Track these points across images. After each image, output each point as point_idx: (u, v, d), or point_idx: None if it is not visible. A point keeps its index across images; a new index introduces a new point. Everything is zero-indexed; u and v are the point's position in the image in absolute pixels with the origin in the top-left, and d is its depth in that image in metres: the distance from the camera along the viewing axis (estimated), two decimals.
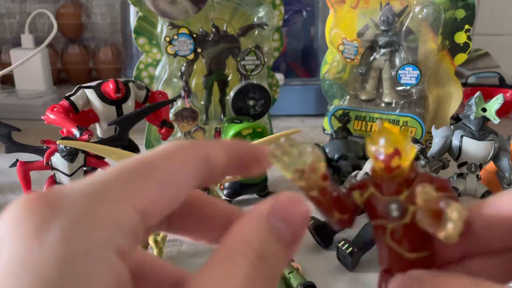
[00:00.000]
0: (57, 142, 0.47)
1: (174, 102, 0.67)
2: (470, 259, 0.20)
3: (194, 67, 0.68)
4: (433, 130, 0.58)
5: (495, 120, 0.52)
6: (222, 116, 0.72)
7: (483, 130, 0.54)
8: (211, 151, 0.18)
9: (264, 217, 0.16)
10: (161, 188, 0.16)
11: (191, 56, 0.66)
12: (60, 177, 0.49)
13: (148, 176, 0.16)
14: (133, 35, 0.68)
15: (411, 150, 0.19)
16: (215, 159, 0.18)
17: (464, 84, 1.00)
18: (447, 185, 0.20)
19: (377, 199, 0.20)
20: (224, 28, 0.68)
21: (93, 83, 0.55)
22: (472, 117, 0.53)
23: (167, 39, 0.64)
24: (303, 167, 0.20)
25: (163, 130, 0.58)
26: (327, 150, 0.65)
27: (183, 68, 0.67)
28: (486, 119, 0.53)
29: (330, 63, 0.75)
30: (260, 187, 0.60)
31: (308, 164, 0.20)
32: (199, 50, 0.66)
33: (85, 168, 0.51)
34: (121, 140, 0.53)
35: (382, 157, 0.19)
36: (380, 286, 0.20)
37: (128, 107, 0.56)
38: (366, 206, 0.20)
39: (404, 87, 0.71)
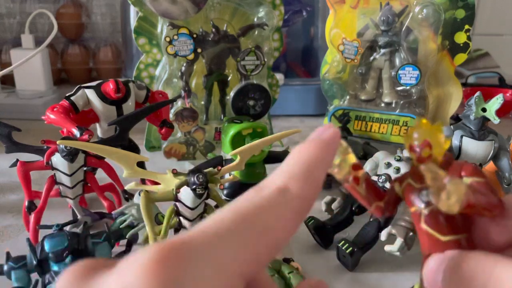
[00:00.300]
0: (57, 142, 0.46)
1: (174, 102, 0.67)
2: None
3: (194, 67, 0.68)
4: None
5: (495, 120, 0.52)
6: (222, 116, 0.72)
7: (483, 130, 0.54)
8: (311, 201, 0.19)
9: None
10: (267, 253, 0.17)
11: (191, 56, 0.66)
12: (60, 177, 0.49)
13: (260, 239, 0.17)
14: (133, 35, 0.68)
15: (445, 142, 0.21)
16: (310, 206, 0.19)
17: (464, 84, 1.00)
18: (477, 170, 0.21)
19: (412, 187, 0.22)
20: (224, 28, 0.68)
21: (93, 83, 0.55)
22: (472, 117, 0.53)
23: (167, 39, 0.64)
24: (338, 161, 0.22)
25: (163, 130, 0.59)
26: None
27: (183, 68, 0.67)
28: (486, 119, 0.53)
29: (330, 63, 0.75)
30: None
31: (340, 157, 0.22)
32: (199, 50, 0.66)
33: (85, 168, 0.51)
34: (121, 140, 0.53)
35: (415, 148, 0.21)
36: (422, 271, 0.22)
37: (128, 107, 0.56)
38: (404, 195, 0.22)
39: (404, 87, 0.71)
